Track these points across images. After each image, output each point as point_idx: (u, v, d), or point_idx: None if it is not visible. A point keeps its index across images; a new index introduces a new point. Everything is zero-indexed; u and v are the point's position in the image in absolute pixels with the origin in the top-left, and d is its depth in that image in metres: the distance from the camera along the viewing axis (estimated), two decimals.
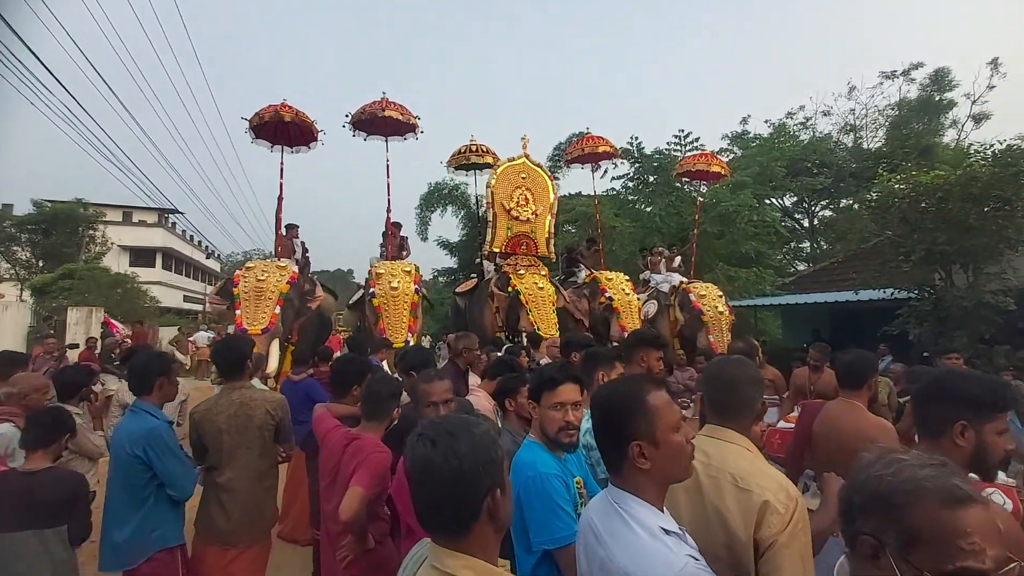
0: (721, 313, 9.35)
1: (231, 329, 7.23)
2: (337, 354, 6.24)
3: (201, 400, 2.78)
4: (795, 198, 20.44)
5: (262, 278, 7.18)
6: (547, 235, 9.09)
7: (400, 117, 8.25)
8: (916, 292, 7.04)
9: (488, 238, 8.52)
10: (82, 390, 3.22)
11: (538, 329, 7.68)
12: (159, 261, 30.82)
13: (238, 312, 7.01)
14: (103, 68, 10.26)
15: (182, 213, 29.09)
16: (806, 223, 22.15)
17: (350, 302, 8.55)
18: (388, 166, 8.68)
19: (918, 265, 6.33)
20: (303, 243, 8.74)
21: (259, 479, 2.54)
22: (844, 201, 22.07)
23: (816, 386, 4.78)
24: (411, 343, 7.22)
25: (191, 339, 15.68)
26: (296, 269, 7.74)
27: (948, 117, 22.37)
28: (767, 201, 15.41)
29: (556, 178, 10.33)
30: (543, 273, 8.70)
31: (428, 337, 19.21)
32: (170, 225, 32.37)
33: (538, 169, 9.02)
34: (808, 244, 22.74)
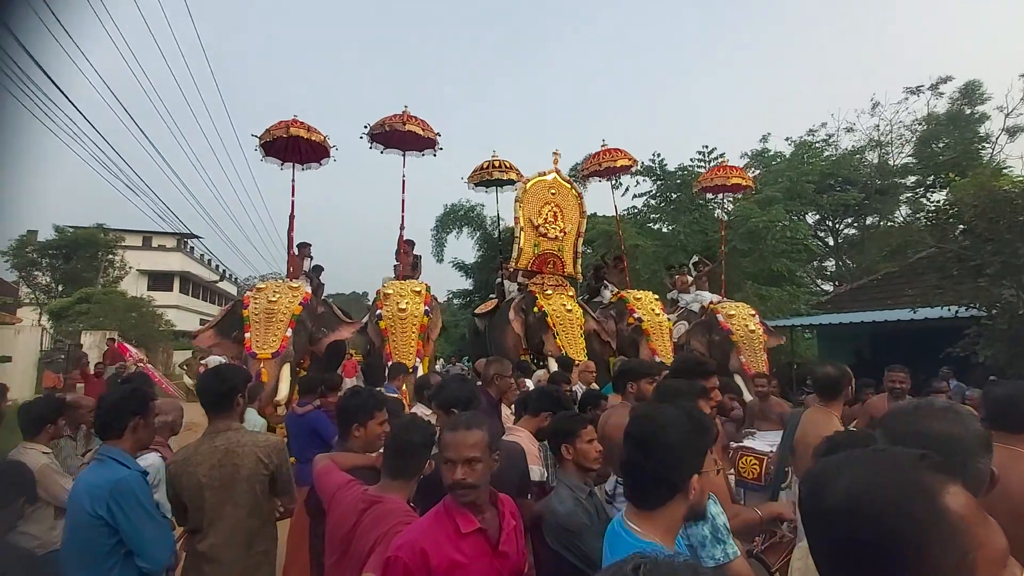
0: (752, 332, 8.70)
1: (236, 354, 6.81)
2: (349, 382, 5.73)
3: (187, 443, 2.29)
4: (817, 216, 19.85)
5: (273, 299, 6.78)
6: (575, 254, 8.61)
7: (421, 132, 7.91)
8: (986, 310, 6.38)
9: (514, 255, 8.04)
10: (46, 426, 2.73)
11: (566, 353, 7.13)
12: (176, 285, 30.95)
13: (247, 335, 6.61)
14: (121, 94, 10.16)
15: (200, 238, 29.25)
16: (831, 241, 21.47)
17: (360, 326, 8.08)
18: (404, 181, 8.31)
19: (993, 280, 5.69)
20: (319, 266, 8.35)
21: (248, 544, 2.01)
22: (870, 219, 21.50)
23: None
24: (419, 369, 6.75)
25: (203, 362, 15.34)
26: (309, 290, 7.34)
27: (981, 130, 21.69)
28: (795, 217, 14.76)
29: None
30: (570, 294, 8.19)
31: (440, 360, 18.73)
32: (188, 249, 32.61)
33: (568, 186, 8.61)
34: (833, 262, 22.00)
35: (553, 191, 8.35)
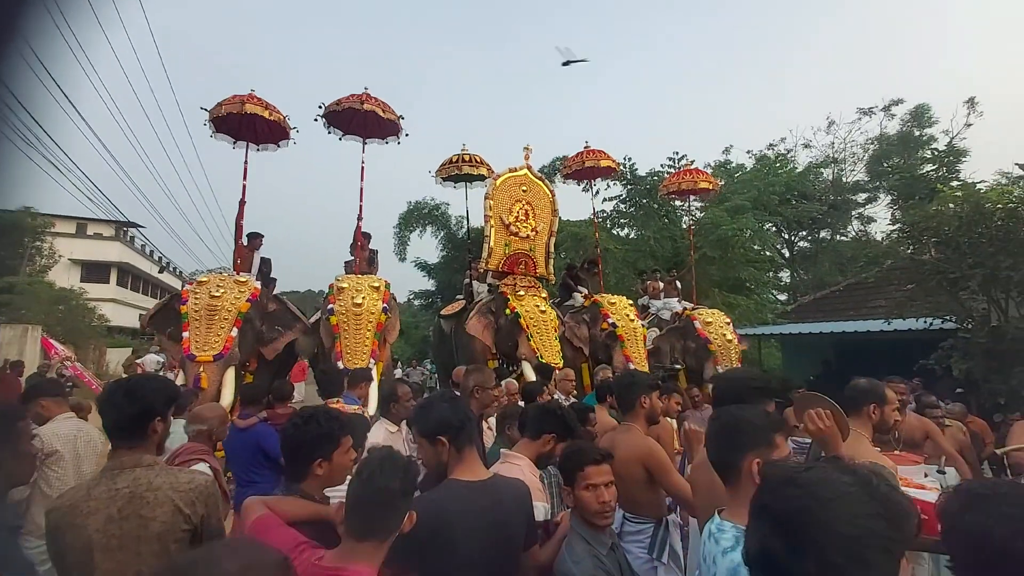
0: (730, 341, 8.60)
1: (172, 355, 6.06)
2: (299, 389, 5.09)
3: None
4: (774, 228, 20.43)
5: (217, 294, 6.07)
6: (547, 254, 8.21)
7: (381, 113, 7.31)
8: (958, 322, 6.37)
9: (484, 254, 7.55)
10: None
11: (541, 357, 6.72)
12: (114, 277, 28.76)
13: (185, 334, 5.87)
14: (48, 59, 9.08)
15: (142, 227, 27.19)
16: (786, 253, 22.10)
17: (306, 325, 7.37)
18: (363, 168, 7.69)
19: (975, 293, 5.65)
20: (267, 258, 7.60)
21: None
22: (824, 232, 22.28)
23: (902, 433, 3.92)
24: (372, 371, 6.17)
25: (139, 362, 14.13)
26: (259, 285, 6.64)
27: (928, 152, 22.82)
28: (762, 227, 14.93)
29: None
30: (544, 296, 7.79)
31: (400, 365, 18.01)
32: (128, 239, 30.39)
33: (540, 183, 8.18)
34: (788, 273, 22.64)
35: (524, 188, 7.94)
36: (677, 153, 15.56)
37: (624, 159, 15.62)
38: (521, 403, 4.49)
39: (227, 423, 2.90)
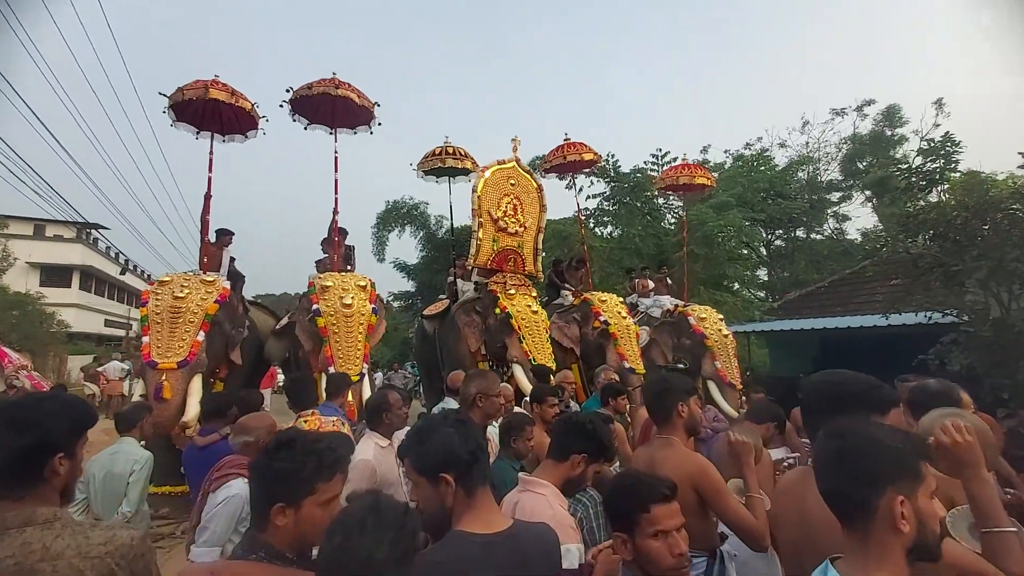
0: (726, 336, 8.40)
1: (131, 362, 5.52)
2: (267, 401, 4.61)
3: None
4: (750, 226, 20.55)
5: (181, 295, 5.55)
6: (535, 251, 7.85)
7: (357, 100, 6.85)
8: (956, 316, 6.22)
9: (472, 251, 7.14)
10: None
11: (534, 360, 6.37)
12: (76, 281, 27.43)
13: (145, 339, 5.35)
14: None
15: (106, 228, 25.94)
16: (763, 251, 22.28)
17: (276, 328, 6.86)
18: (336, 159, 7.21)
19: (980, 286, 5.49)
20: (233, 258, 7.06)
21: None
22: (799, 232, 22.51)
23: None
24: (364, 375, 5.74)
25: (101, 370, 13.32)
26: (228, 285, 6.13)
27: (899, 151, 23.28)
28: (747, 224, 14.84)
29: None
30: (534, 295, 7.42)
31: (381, 369, 17.45)
32: (91, 241, 29.03)
33: (528, 176, 7.81)
34: (765, 271, 22.80)
35: (512, 181, 7.56)
36: (660, 150, 15.38)
37: (607, 156, 15.39)
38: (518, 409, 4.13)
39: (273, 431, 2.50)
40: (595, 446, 1.70)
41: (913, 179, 14.34)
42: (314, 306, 5.79)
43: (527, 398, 4.34)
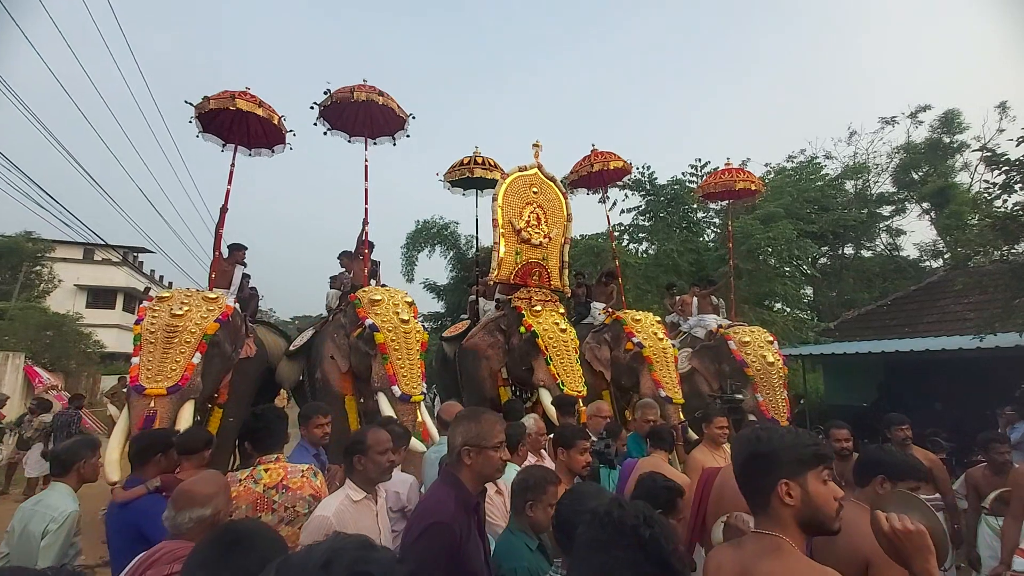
0: (772, 364, 7.33)
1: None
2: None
3: None
4: (808, 239, 19.31)
5: (179, 312, 5.12)
6: (561, 264, 7.17)
7: (397, 111, 6.48)
8: None
9: (493, 265, 6.54)
10: None
11: (563, 385, 5.66)
12: (120, 303, 28.28)
13: (135, 360, 4.93)
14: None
15: (151, 252, 26.72)
16: (806, 269, 20.99)
17: (291, 348, 6.36)
18: (367, 167, 6.78)
19: None
20: (246, 274, 6.66)
21: None
22: (847, 248, 21.02)
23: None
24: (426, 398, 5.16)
25: (125, 390, 13.24)
26: (232, 302, 5.69)
27: (960, 159, 21.71)
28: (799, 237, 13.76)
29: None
30: (562, 311, 6.72)
31: None
32: (137, 264, 30.04)
33: (551, 183, 7.18)
34: (811, 290, 21.40)
35: (535, 189, 6.95)
36: (700, 160, 14.57)
37: (642, 167, 14.69)
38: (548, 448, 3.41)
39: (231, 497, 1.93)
40: (655, 567, 1.00)
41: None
42: (367, 321, 5.17)
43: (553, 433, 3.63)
